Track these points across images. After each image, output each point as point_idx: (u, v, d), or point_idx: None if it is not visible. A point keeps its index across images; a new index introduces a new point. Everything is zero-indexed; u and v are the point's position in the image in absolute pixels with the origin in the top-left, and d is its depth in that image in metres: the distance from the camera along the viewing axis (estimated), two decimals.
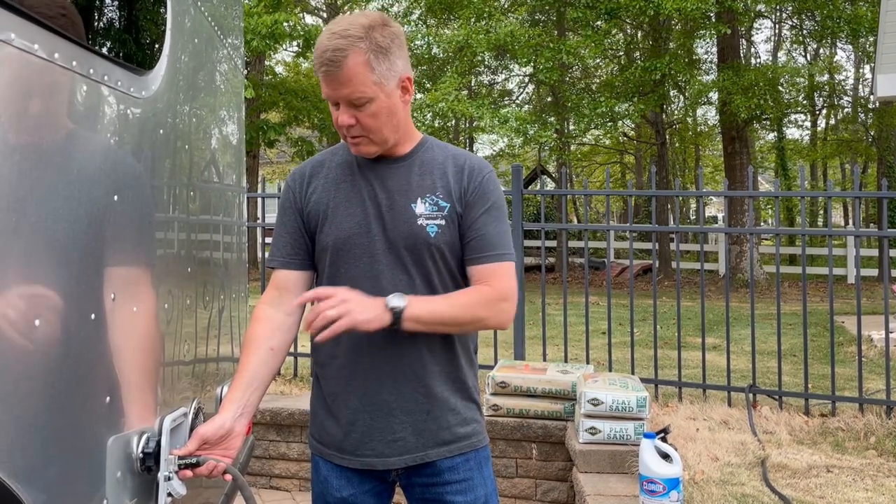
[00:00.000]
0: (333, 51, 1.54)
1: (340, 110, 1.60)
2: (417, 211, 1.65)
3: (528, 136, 15.52)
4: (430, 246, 1.64)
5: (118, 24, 1.43)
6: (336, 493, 1.72)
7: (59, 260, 1.15)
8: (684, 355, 5.24)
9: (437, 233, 1.65)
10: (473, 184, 1.68)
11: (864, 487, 3.20)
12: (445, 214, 1.66)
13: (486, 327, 1.68)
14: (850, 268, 15.55)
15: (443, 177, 1.69)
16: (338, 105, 1.60)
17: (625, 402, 3.51)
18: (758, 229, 4.97)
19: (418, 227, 1.64)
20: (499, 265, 1.66)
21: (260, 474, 4.35)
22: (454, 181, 1.68)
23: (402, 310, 1.54)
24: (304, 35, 15.08)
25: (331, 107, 1.63)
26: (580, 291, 12.54)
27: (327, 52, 1.54)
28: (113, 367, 1.34)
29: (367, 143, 1.63)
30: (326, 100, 1.62)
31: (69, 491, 1.19)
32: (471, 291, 1.65)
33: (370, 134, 1.62)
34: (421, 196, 1.66)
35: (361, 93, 1.56)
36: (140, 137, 1.47)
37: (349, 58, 1.54)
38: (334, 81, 1.56)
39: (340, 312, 1.51)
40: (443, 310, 1.61)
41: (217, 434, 1.56)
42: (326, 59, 1.54)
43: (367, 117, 1.59)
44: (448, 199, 1.67)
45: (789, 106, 18.37)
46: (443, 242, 1.65)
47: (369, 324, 1.53)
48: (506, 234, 1.70)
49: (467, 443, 1.71)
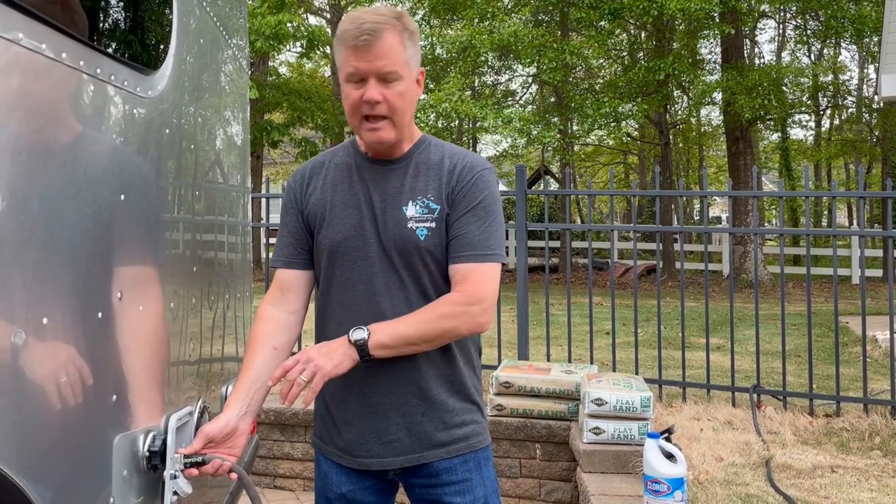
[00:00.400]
0: (373, 23, 1.55)
1: (369, 85, 1.57)
2: (408, 214, 1.65)
3: (532, 137, 15.52)
4: (419, 249, 1.64)
5: (124, 24, 1.43)
6: (336, 488, 1.73)
7: (65, 258, 1.15)
8: (688, 356, 5.23)
9: (427, 235, 1.64)
10: (462, 183, 1.66)
11: (869, 488, 3.20)
12: (436, 217, 1.65)
13: (460, 336, 1.63)
14: (855, 268, 15.50)
15: (436, 178, 1.68)
16: (362, 81, 1.58)
17: (629, 402, 3.51)
18: (762, 229, 4.96)
19: (408, 231, 1.64)
20: (475, 266, 1.61)
21: (264, 474, 4.36)
22: (445, 181, 1.67)
23: (365, 341, 1.54)
24: (307, 36, 15.10)
25: (350, 87, 1.60)
26: (584, 292, 12.54)
27: (366, 24, 1.54)
28: (119, 365, 1.35)
29: (388, 126, 1.61)
30: (351, 77, 1.58)
31: (76, 489, 1.20)
32: (435, 305, 1.61)
33: (394, 115, 1.60)
34: (412, 199, 1.66)
35: (395, 66, 1.57)
36: (146, 137, 1.48)
37: (386, 31, 1.56)
38: (370, 53, 1.55)
39: (311, 372, 1.51)
40: (407, 331, 1.57)
41: (222, 432, 1.57)
42: (365, 30, 1.54)
43: (395, 95, 1.59)
44: (438, 200, 1.66)
45: (793, 106, 18.35)
46: (433, 245, 1.64)
47: (340, 367, 1.53)
48: (491, 234, 1.64)
49: (465, 444, 1.71)
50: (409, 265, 1.65)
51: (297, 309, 1.75)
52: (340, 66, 1.61)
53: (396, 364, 1.64)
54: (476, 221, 1.64)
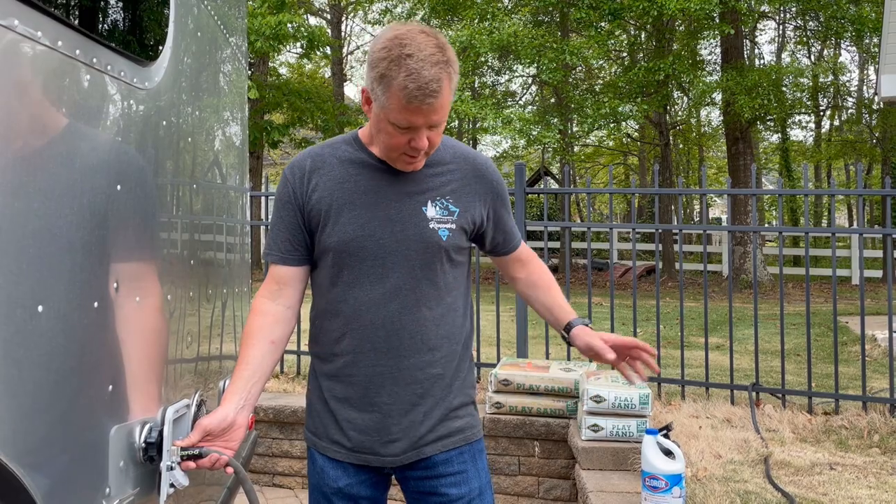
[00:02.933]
0: (436, 82, 1.49)
1: (419, 134, 1.55)
2: (429, 214, 1.66)
3: (532, 138, 15.52)
4: (441, 249, 1.66)
5: (122, 14, 1.43)
6: (333, 483, 1.72)
7: (61, 247, 1.15)
8: (687, 355, 5.23)
9: (448, 236, 1.67)
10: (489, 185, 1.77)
11: (868, 485, 3.20)
12: (455, 219, 1.68)
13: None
14: (855, 269, 15.51)
15: (452, 180, 1.70)
16: (409, 129, 1.54)
17: (627, 399, 3.51)
18: (761, 228, 4.96)
19: (430, 231, 1.65)
20: (524, 246, 1.91)
21: (263, 472, 4.36)
22: (467, 187, 1.71)
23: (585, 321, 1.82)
24: (307, 36, 15.12)
25: (395, 130, 1.56)
26: (583, 292, 12.52)
27: (431, 84, 1.48)
28: (115, 356, 1.35)
29: (424, 158, 1.64)
30: (406, 126, 1.54)
31: (72, 478, 1.20)
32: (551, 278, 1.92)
33: (431, 150, 1.62)
34: (431, 199, 1.67)
35: (445, 115, 1.56)
36: (143, 128, 1.48)
37: (445, 85, 1.51)
38: (431, 110, 1.51)
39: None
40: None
41: (220, 426, 1.57)
42: (430, 92, 1.48)
43: (436, 136, 1.59)
44: (458, 203, 1.69)
45: (793, 106, 18.34)
46: (451, 246, 1.68)
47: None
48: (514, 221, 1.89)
49: (461, 437, 1.72)
50: (428, 265, 1.66)
51: (293, 303, 1.74)
52: (387, 108, 1.53)
53: (402, 364, 1.65)
54: (511, 219, 1.86)
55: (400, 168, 1.65)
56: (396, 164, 1.65)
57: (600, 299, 10.77)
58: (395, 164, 1.65)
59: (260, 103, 15.67)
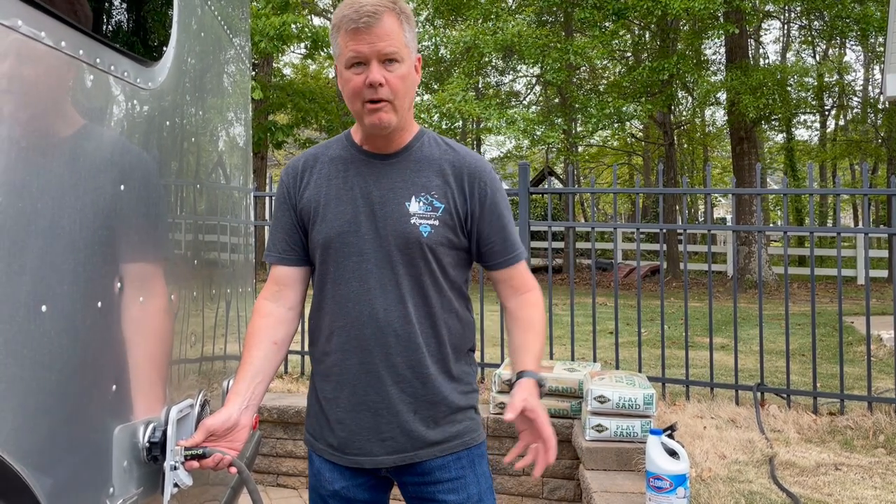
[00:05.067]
0: (371, 6, 1.55)
1: (371, 68, 1.56)
2: (411, 210, 1.63)
3: (536, 138, 15.50)
4: (422, 245, 1.63)
5: (125, 15, 1.43)
6: (329, 485, 1.71)
7: (64, 247, 1.15)
8: (692, 355, 5.22)
9: (430, 233, 1.63)
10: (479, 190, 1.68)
11: (873, 485, 3.18)
12: (439, 216, 1.64)
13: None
14: (860, 269, 15.46)
15: (439, 175, 1.67)
16: (363, 66, 1.57)
17: (631, 399, 3.50)
18: (766, 228, 4.95)
19: (411, 227, 1.62)
20: (520, 264, 1.76)
21: (267, 472, 4.36)
22: (453, 183, 1.67)
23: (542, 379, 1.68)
24: (311, 37, 15.11)
25: (351, 73, 1.58)
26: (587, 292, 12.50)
27: (365, 7, 1.55)
28: (119, 355, 1.35)
29: (390, 109, 1.59)
30: (352, 61, 1.57)
31: (76, 477, 1.20)
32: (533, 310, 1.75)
33: (395, 98, 1.59)
34: (415, 194, 1.64)
35: (396, 48, 1.57)
36: (147, 128, 1.48)
37: (385, 14, 1.56)
38: (371, 35, 1.55)
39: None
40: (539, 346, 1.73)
41: (224, 426, 1.57)
42: (365, 13, 1.54)
43: (396, 78, 1.58)
44: (443, 199, 1.65)
45: (798, 106, 18.29)
46: (435, 243, 1.64)
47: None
48: (515, 233, 1.76)
49: (458, 442, 1.69)
50: (409, 261, 1.63)
51: (294, 304, 1.74)
52: (339, 52, 1.59)
53: (392, 362, 1.63)
54: (507, 225, 1.73)
55: (369, 125, 1.61)
56: (365, 120, 1.61)
57: (604, 299, 10.75)
58: (363, 121, 1.61)
59: (264, 104, 15.69)
